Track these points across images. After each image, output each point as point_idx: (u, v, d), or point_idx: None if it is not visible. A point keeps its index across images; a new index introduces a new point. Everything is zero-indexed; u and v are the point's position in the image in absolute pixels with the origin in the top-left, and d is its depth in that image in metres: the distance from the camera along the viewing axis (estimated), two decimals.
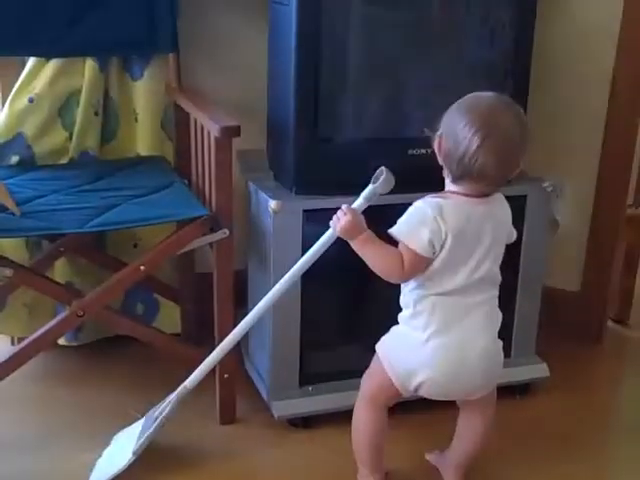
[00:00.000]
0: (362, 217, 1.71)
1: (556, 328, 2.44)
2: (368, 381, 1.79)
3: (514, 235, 1.76)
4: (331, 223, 1.73)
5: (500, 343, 1.73)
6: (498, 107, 1.61)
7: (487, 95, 1.64)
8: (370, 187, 1.71)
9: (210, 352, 1.96)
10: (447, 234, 1.60)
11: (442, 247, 1.61)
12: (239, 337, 1.88)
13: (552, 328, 2.37)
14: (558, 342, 2.48)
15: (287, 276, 1.82)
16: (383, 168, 1.70)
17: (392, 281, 1.68)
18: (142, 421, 1.94)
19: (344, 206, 1.71)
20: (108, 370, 2.33)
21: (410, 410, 1.97)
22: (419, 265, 1.63)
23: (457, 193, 1.65)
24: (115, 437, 1.97)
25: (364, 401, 1.79)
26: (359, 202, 1.72)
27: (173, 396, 1.89)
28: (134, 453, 1.85)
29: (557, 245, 2.48)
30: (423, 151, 1.98)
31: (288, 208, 1.94)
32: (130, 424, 1.98)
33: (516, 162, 1.63)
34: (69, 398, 2.19)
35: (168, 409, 1.88)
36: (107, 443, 1.96)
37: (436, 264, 1.63)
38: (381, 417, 1.78)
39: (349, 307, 2.15)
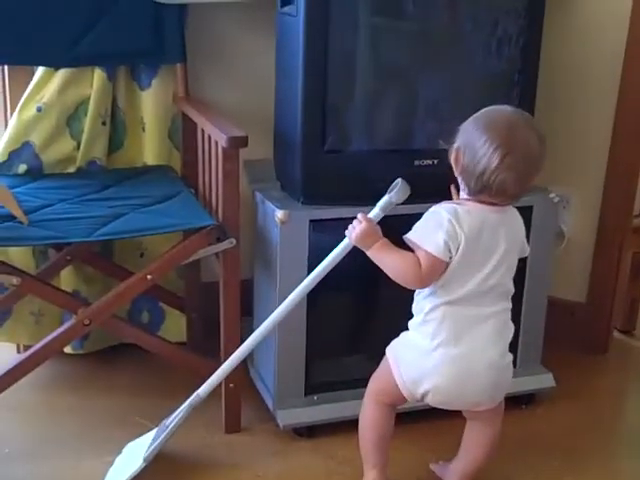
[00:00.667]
0: (378, 226, 1.71)
1: (562, 338, 2.45)
2: (376, 381, 1.79)
3: (527, 250, 1.76)
4: (346, 232, 1.73)
5: (510, 357, 1.74)
6: (518, 123, 1.61)
7: (506, 110, 1.65)
8: (386, 197, 1.72)
9: (216, 361, 1.97)
10: (462, 237, 1.61)
11: (457, 251, 1.61)
12: (256, 343, 1.88)
13: (558, 338, 2.37)
14: (564, 352, 2.47)
15: (303, 285, 1.82)
16: (399, 179, 1.71)
17: (411, 287, 1.67)
18: (154, 431, 1.95)
19: (360, 215, 1.72)
20: (114, 378, 2.34)
21: (415, 419, 1.98)
22: (437, 269, 1.63)
23: (472, 200, 1.66)
24: (127, 446, 1.97)
25: (371, 399, 1.79)
26: (375, 212, 1.73)
27: (186, 404, 1.89)
28: (145, 460, 1.86)
29: (563, 256, 2.49)
30: (429, 162, 1.99)
31: (295, 218, 1.94)
32: (138, 432, 1.99)
33: (534, 177, 1.63)
34: (75, 406, 2.19)
35: (180, 417, 1.89)
36: (113, 450, 1.96)
37: (451, 269, 1.63)
38: (387, 415, 1.78)
39: (354, 316, 2.16)
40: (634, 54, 2.34)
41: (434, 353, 1.66)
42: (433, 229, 1.62)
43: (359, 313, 2.15)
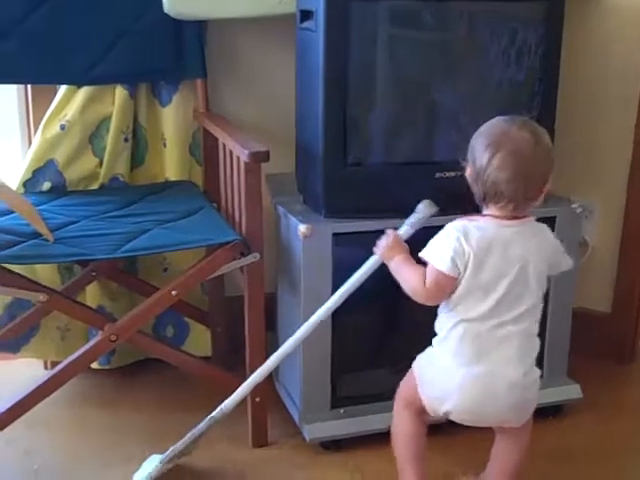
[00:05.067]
0: (404, 243, 1.74)
1: (588, 349, 2.43)
2: (404, 388, 1.79)
3: (563, 265, 1.74)
4: (375, 249, 1.76)
5: (537, 373, 1.71)
6: (511, 125, 1.62)
7: (505, 117, 1.65)
8: (414, 215, 1.77)
9: (241, 376, 1.98)
10: (470, 254, 1.60)
11: (466, 267, 1.61)
12: (280, 360, 1.89)
13: (584, 349, 2.35)
14: (590, 363, 2.45)
15: (330, 302, 1.83)
16: (426, 201, 1.76)
17: (419, 300, 1.67)
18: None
19: (388, 230, 1.75)
20: (141, 393, 2.34)
21: (444, 432, 1.96)
22: (443, 284, 1.63)
23: (487, 215, 1.65)
24: (149, 459, 1.97)
25: (400, 404, 1.79)
26: (404, 228, 1.77)
27: (207, 419, 1.90)
28: (161, 462, 1.89)
29: (587, 266, 2.48)
30: (452, 174, 1.98)
31: (318, 232, 1.94)
32: (166, 447, 1.98)
33: (536, 180, 1.61)
34: (103, 421, 2.21)
35: (200, 426, 1.90)
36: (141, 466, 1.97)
37: (462, 286, 1.62)
38: (417, 420, 1.77)
39: (380, 329, 2.15)
40: None
41: (456, 373, 1.64)
42: (440, 245, 1.63)
43: (385, 326, 2.15)
